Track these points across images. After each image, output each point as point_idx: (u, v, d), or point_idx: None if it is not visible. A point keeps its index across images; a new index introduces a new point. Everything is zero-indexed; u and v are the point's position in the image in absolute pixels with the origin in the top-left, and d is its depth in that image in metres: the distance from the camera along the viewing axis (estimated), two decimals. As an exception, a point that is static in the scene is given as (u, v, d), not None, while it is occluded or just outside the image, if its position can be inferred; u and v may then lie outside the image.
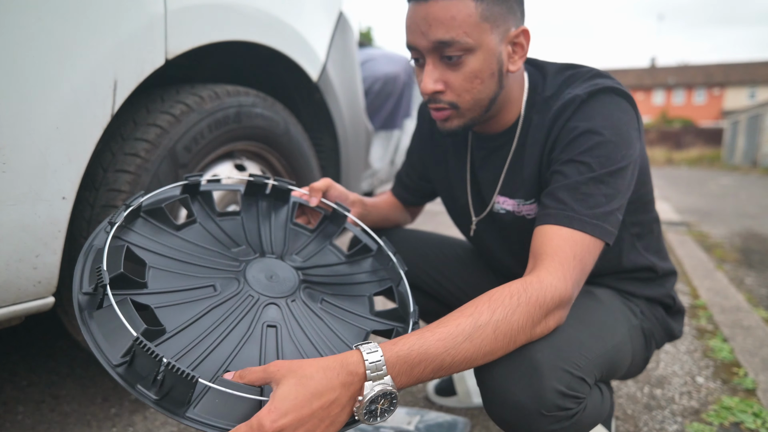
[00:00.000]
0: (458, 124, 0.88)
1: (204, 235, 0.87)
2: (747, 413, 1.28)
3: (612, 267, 0.98)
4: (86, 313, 0.65)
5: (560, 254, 0.75)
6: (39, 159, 0.83)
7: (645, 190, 0.95)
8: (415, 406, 1.33)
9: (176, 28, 1.06)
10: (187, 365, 0.65)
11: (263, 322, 0.77)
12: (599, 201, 0.78)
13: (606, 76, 0.88)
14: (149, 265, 0.75)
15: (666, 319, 1.03)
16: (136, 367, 0.61)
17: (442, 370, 0.66)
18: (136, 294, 0.70)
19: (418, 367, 0.64)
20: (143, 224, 0.81)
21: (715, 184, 9.70)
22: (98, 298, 0.66)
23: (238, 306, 0.77)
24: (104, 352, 0.62)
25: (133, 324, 0.62)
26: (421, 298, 1.20)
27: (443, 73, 0.83)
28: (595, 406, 0.80)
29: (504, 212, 0.97)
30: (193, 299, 0.75)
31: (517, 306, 0.69)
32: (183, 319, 0.71)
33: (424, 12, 0.80)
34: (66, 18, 0.85)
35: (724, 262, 3.01)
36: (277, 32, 1.37)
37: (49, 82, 0.83)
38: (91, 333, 0.63)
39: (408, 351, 0.63)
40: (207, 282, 0.78)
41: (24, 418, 1.22)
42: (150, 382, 0.60)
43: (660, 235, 1.03)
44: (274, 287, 0.83)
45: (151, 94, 1.15)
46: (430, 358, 0.64)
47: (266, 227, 0.95)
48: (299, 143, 1.49)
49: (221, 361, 0.69)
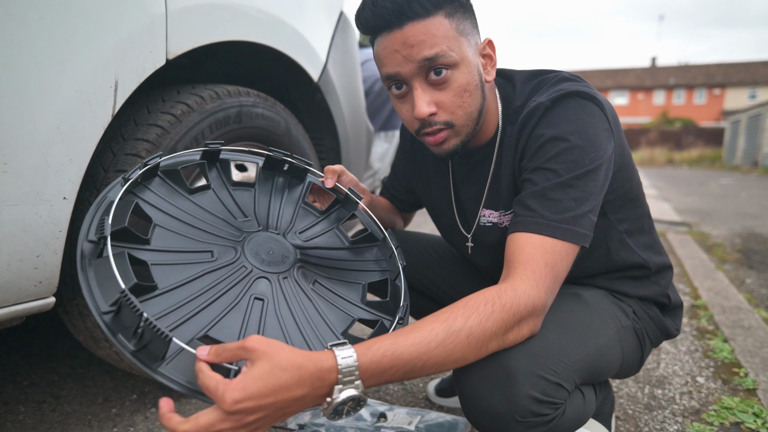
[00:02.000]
0: (455, 144, 0.88)
1: (215, 202, 0.90)
2: (747, 413, 1.28)
3: (602, 266, 0.98)
4: (87, 260, 0.69)
5: (531, 262, 0.75)
6: (40, 159, 0.83)
7: (630, 186, 0.94)
8: (416, 406, 1.33)
9: (177, 29, 1.06)
10: (168, 323, 0.68)
11: (252, 294, 0.79)
12: (568, 205, 0.79)
13: (572, 80, 0.87)
14: (155, 222, 0.79)
15: (661, 318, 1.02)
16: (121, 318, 0.64)
17: (413, 373, 0.66)
18: (136, 248, 0.74)
19: (389, 371, 0.64)
20: (159, 183, 0.86)
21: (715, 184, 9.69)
22: (99, 248, 0.69)
23: (231, 275, 0.79)
24: (95, 298, 0.65)
25: (125, 277, 0.65)
26: (415, 297, 1.21)
27: (433, 94, 0.83)
28: (576, 410, 0.81)
29: (490, 225, 0.98)
30: (190, 261, 0.78)
31: (492, 313, 0.69)
32: (176, 279, 0.74)
33: (401, 38, 0.79)
34: (67, 18, 0.85)
35: (724, 262, 3.01)
36: (278, 32, 1.37)
37: (50, 82, 0.83)
38: (87, 279, 0.67)
39: (381, 356, 0.64)
40: (206, 247, 0.81)
41: (25, 417, 1.22)
42: (131, 334, 0.63)
43: (652, 230, 1.02)
44: (270, 262, 0.85)
45: (152, 95, 1.15)
46: (402, 363, 0.65)
47: (277, 202, 0.97)
48: (300, 143, 1.49)
49: (203, 325, 0.71)
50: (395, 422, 1.17)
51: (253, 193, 0.96)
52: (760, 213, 5.29)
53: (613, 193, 0.89)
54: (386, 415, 1.20)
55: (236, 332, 0.73)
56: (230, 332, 0.72)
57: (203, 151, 0.92)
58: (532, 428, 0.74)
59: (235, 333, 0.73)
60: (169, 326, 0.68)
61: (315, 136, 1.74)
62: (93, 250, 0.70)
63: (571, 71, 0.91)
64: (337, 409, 0.63)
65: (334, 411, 0.63)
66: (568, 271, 0.79)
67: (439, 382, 1.37)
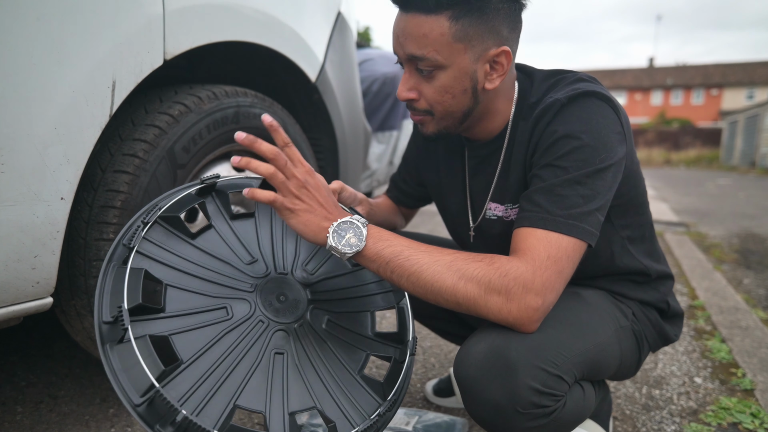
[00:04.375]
0: (433, 130, 0.91)
1: (218, 243, 0.87)
2: (745, 413, 1.28)
3: (605, 269, 0.98)
4: (108, 346, 0.68)
5: (533, 251, 0.76)
6: (37, 159, 0.83)
7: (635, 193, 0.95)
8: (413, 406, 1.33)
9: (175, 29, 1.06)
10: (198, 401, 0.68)
11: (272, 349, 0.78)
12: (575, 202, 0.79)
13: (589, 81, 0.87)
14: (165, 283, 0.76)
15: (661, 323, 1.02)
16: (155, 407, 0.65)
17: (394, 264, 0.76)
18: (154, 319, 0.72)
19: (382, 242, 0.78)
20: (158, 230, 0.81)
21: (713, 184, 9.71)
22: (119, 330, 0.68)
23: (249, 332, 0.79)
24: (126, 392, 0.65)
25: (152, 362, 0.65)
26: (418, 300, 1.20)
27: (417, 82, 0.86)
28: (577, 403, 0.81)
29: (495, 218, 0.98)
30: (207, 323, 0.76)
31: (481, 261, 0.76)
32: (197, 346, 0.73)
33: (403, 24, 0.82)
34: (64, 18, 0.85)
35: (722, 262, 3.02)
36: (275, 33, 1.37)
37: (47, 82, 0.83)
38: (113, 371, 0.66)
39: (386, 236, 0.79)
40: (220, 303, 0.80)
41: (23, 418, 1.22)
42: (168, 422, 0.64)
43: (653, 239, 1.03)
44: (284, 310, 0.85)
45: (149, 95, 1.15)
46: (394, 246, 0.77)
47: (279, 231, 0.95)
48: (298, 144, 1.49)
49: (231, 394, 0.71)
50: (392, 422, 1.17)
51: (254, 223, 0.93)
52: (757, 213, 5.31)
53: (618, 198, 0.89)
54: (384, 416, 1.20)
55: (263, 395, 0.73)
56: (257, 394, 0.73)
57: (200, 188, 0.87)
58: (533, 420, 0.73)
59: (261, 396, 0.73)
60: (199, 405, 0.68)
61: (313, 137, 1.74)
62: (111, 331, 0.68)
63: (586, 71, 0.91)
64: (339, 227, 0.77)
65: (335, 231, 0.77)
66: (574, 269, 0.79)
67: (436, 383, 1.37)
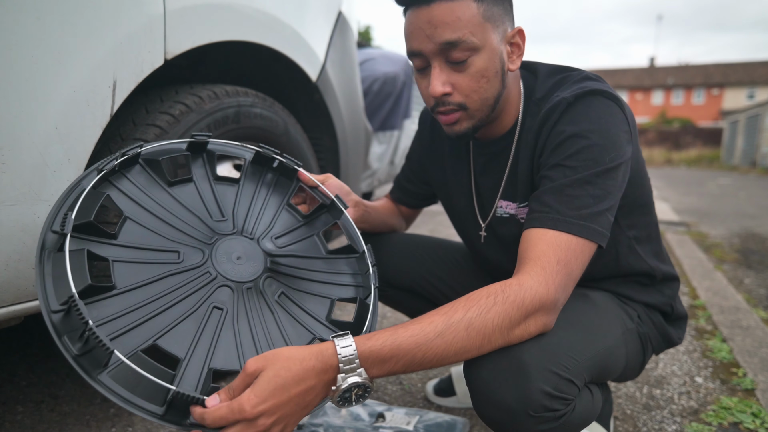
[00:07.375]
0: (467, 126, 0.88)
1: (194, 197, 0.86)
2: (746, 413, 1.28)
3: (610, 270, 0.98)
4: (46, 252, 0.67)
5: (543, 258, 0.75)
6: (38, 159, 0.83)
7: (640, 193, 0.94)
8: (414, 406, 1.33)
9: (175, 29, 1.06)
10: (117, 328, 0.66)
11: (212, 302, 0.76)
12: (586, 202, 0.78)
13: (595, 79, 0.87)
14: (125, 215, 0.76)
15: (665, 325, 1.02)
16: (71, 319, 0.63)
17: (414, 365, 0.68)
18: (100, 243, 0.71)
19: (390, 361, 0.67)
20: (139, 172, 0.82)
21: (714, 184, 9.70)
22: (61, 241, 0.67)
23: (194, 279, 0.77)
24: (47, 296, 0.63)
25: (80, 277, 0.64)
26: (417, 302, 1.20)
27: (450, 75, 0.84)
28: (585, 407, 0.81)
29: (507, 216, 0.97)
30: (155, 261, 0.75)
31: (493, 305, 0.70)
32: (137, 279, 0.72)
33: (427, 16, 0.80)
34: (65, 18, 0.85)
35: (723, 262, 3.02)
36: (276, 33, 1.37)
37: (48, 82, 0.83)
38: (43, 274, 0.65)
39: (380, 346, 0.66)
40: (174, 246, 0.79)
41: (23, 417, 1.22)
42: (76, 337, 0.62)
43: (659, 239, 1.03)
44: (237, 269, 0.82)
45: (150, 95, 1.15)
46: (402, 353, 0.66)
47: (260, 201, 0.93)
48: (298, 143, 1.49)
49: (154, 332, 0.69)
50: (393, 422, 1.17)
51: (236, 189, 0.91)
52: (758, 213, 5.30)
53: (624, 198, 0.88)
54: (384, 415, 1.20)
55: (187, 343, 0.70)
56: (183, 341, 0.70)
57: (189, 142, 0.88)
58: (544, 423, 0.73)
59: (185, 344, 0.70)
60: (117, 331, 0.66)
61: (313, 136, 1.74)
62: (55, 242, 0.67)
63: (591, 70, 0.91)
64: (343, 396, 0.66)
65: (341, 398, 0.66)
66: (583, 270, 0.78)
67: (437, 382, 1.37)
